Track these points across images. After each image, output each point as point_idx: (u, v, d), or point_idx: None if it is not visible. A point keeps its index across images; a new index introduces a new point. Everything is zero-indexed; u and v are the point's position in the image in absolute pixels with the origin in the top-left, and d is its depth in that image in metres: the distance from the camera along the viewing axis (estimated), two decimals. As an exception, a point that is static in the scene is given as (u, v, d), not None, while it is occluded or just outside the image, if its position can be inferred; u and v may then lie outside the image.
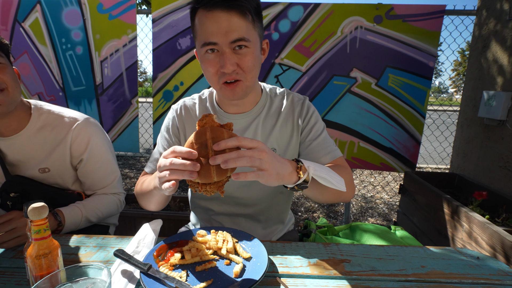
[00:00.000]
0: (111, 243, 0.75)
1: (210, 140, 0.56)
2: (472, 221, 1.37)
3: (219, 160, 0.54)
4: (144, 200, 0.81)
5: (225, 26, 0.68)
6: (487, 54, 2.01)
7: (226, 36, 0.68)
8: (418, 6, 1.99)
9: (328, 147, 0.85)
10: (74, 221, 0.90)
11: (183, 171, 0.55)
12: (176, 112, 0.91)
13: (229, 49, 0.70)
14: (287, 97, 0.91)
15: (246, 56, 0.72)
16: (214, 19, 0.68)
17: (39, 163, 0.96)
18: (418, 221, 1.90)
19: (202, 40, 0.71)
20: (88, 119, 1.00)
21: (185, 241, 0.70)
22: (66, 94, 2.33)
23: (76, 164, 1.00)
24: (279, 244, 0.75)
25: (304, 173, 0.64)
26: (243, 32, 0.69)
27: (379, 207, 3.06)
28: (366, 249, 0.74)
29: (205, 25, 0.70)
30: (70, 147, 0.97)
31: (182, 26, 2.14)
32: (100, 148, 1.01)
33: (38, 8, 2.20)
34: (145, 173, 0.92)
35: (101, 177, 1.03)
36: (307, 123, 0.88)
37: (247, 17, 0.70)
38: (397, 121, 2.11)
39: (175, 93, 2.24)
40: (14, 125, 0.92)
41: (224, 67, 0.70)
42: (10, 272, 0.64)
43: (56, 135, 0.96)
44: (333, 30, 2.04)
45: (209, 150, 0.56)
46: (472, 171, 2.10)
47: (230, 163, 0.54)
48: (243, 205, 0.93)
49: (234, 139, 0.56)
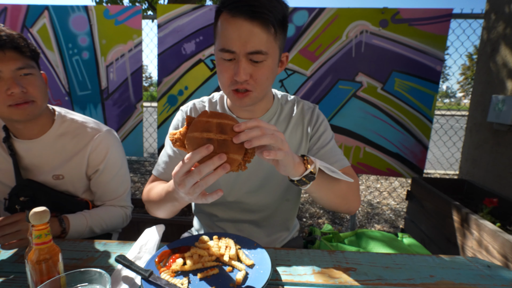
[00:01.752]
0: (113, 248, 0.74)
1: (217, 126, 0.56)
2: (483, 229, 1.33)
3: (243, 137, 0.54)
4: (156, 210, 0.78)
5: (245, 36, 0.67)
6: (496, 58, 1.98)
7: (244, 46, 0.68)
8: (424, 10, 1.98)
9: (335, 155, 0.85)
10: (78, 230, 0.90)
11: (214, 171, 0.54)
12: (186, 113, 0.90)
13: (245, 59, 0.69)
14: (298, 104, 0.91)
15: (261, 68, 0.71)
16: (236, 26, 0.67)
17: (54, 169, 0.96)
18: (426, 229, 1.86)
19: (221, 44, 0.71)
20: (110, 131, 1.01)
21: (188, 247, 0.69)
22: (72, 98, 2.36)
23: (91, 174, 1.00)
24: (283, 251, 0.74)
25: (311, 165, 0.65)
26: (262, 45, 0.68)
27: (386, 213, 3.00)
28: (372, 257, 0.72)
29: (226, 31, 0.69)
30: (89, 156, 0.97)
31: (187, 31, 2.15)
32: (117, 160, 1.02)
33: (46, 14, 2.25)
34: (153, 177, 0.91)
35: (113, 188, 1.03)
36: (316, 131, 0.87)
37: (269, 29, 0.69)
38: (403, 126, 2.08)
39: (179, 97, 2.25)
40: (36, 129, 0.93)
41: (238, 75, 0.70)
42: (12, 276, 0.63)
43: (76, 144, 0.96)
44: (338, 34, 2.03)
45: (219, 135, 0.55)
46: (482, 177, 2.05)
47: (255, 141, 0.54)
48: (248, 211, 0.91)
49: (254, 121, 0.57)
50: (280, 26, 0.71)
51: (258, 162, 0.85)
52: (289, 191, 0.91)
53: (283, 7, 0.71)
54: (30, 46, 0.86)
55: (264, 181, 0.88)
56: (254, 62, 0.70)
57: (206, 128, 0.56)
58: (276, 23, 0.69)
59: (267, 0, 0.67)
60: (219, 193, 0.57)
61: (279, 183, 0.89)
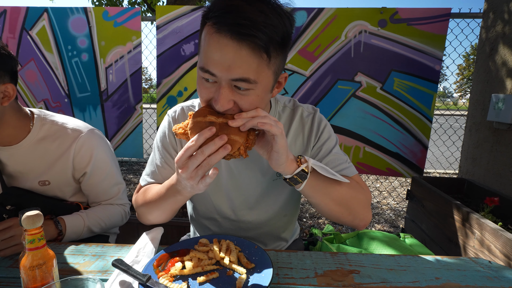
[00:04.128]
0: (110, 252, 0.73)
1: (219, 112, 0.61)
2: (484, 229, 1.31)
3: (244, 115, 0.58)
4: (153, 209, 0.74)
5: (230, 59, 0.54)
6: (495, 57, 1.97)
7: (227, 71, 0.55)
8: (423, 9, 1.97)
9: (340, 164, 0.77)
10: (75, 231, 0.88)
11: (217, 151, 0.56)
12: (174, 118, 0.83)
13: (228, 85, 0.58)
14: (296, 111, 0.82)
15: (247, 97, 0.59)
16: (220, 45, 0.54)
17: (39, 175, 0.92)
18: (427, 228, 1.85)
19: (202, 62, 0.59)
20: (92, 131, 0.97)
21: (187, 250, 0.67)
22: (71, 100, 2.35)
23: (79, 177, 0.97)
24: (284, 254, 0.72)
25: (304, 163, 0.64)
26: (251, 72, 0.56)
27: (386, 213, 2.99)
28: (376, 259, 0.71)
29: (209, 48, 0.56)
30: (73, 159, 0.93)
31: (186, 32, 2.15)
32: (104, 161, 0.98)
33: (45, 16, 2.24)
34: (140, 186, 0.84)
35: (106, 189, 1.00)
36: (317, 139, 0.80)
37: (261, 55, 0.55)
38: (403, 125, 2.08)
39: (179, 98, 2.24)
40: (7, 137, 0.88)
41: (217, 103, 0.58)
42: (5, 282, 0.62)
43: (58, 147, 0.92)
44: (337, 34, 2.03)
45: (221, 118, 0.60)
46: (482, 176, 2.04)
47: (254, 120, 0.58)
48: (242, 229, 0.87)
49: (253, 110, 0.59)
50: (277, 48, 0.58)
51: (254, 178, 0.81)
52: (286, 206, 0.86)
53: (285, 24, 0.57)
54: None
55: (260, 198, 0.83)
56: (239, 89, 0.58)
57: (208, 113, 0.60)
58: (272, 45, 0.56)
59: (263, 17, 0.53)
60: (215, 172, 0.58)
61: (276, 198, 0.84)
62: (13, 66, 0.84)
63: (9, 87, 0.82)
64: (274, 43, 0.56)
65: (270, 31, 0.54)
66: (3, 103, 0.82)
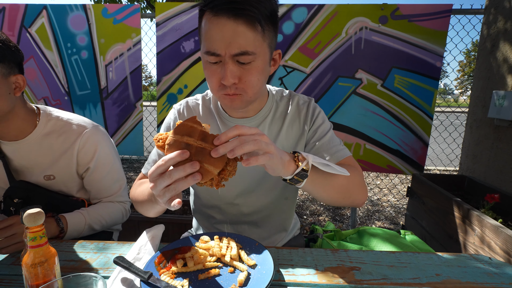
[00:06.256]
0: (112, 248, 0.73)
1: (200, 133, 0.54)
2: (485, 225, 1.32)
3: (222, 150, 0.51)
4: (141, 208, 0.77)
5: (229, 36, 0.62)
6: (496, 53, 1.96)
7: (229, 47, 0.63)
8: (424, 5, 1.96)
9: (334, 147, 0.81)
10: (77, 228, 0.89)
11: (185, 178, 0.51)
12: (179, 111, 0.88)
13: (231, 61, 0.65)
14: (292, 100, 0.87)
15: (250, 70, 0.66)
16: (219, 26, 0.63)
17: (44, 170, 0.94)
18: (427, 225, 1.85)
19: (205, 47, 0.66)
20: (97, 127, 0.99)
21: (188, 247, 0.67)
22: (71, 98, 2.35)
23: (82, 173, 0.98)
24: (285, 251, 0.72)
25: (302, 162, 0.62)
26: (249, 45, 0.63)
27: (386, 210, 3.00)
28: (376, 256, 0.71)
29: (210, 32, 0.64)
30: (77, 155, 0.95)
31: (186, 29, 2.13)
32: (107, 156, 0.99)
33: (44, 13, 2.23)
34: (142, 175, 0.89)
35: (107, 185, 1.01)
36: (312, 124, 0.85)
37: (256, 27, 0.63)
38: (404, 122, 2.07)
39: (179, 96, 2.23)
40: (15, 130, 0.90)
41: (224, 79, 0.65)
42: (8, 279, 0.62)
43: (63, 142, 0.94)
44: (338, 31, 2.02)
45: (197, 144, 0.53)
46: (483, 173, 2.04)
47: (237, 150, 0.51)
48: (245, 213, 0.89)
49: (234, 129, 0.53)
50: (268, 22, 0.66)
51: None
52: (287, 189, 0.89)
53: (271, 1, 0.66)
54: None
55: (261, 181, 0.85)
56: (242, 63, 0.65)
57: (188, 132, 0.54)
58: (263, 19, 0.64)
59: None
60: (177, 205, 0.54)
61: (277, 181, 0.86)
62: (20, 58, 0.87)
63: (19, 78, 0.86)
64: (265, 17, 0.65)
65: (261, 6, 0.63)
66: (15, 94, 0.85)
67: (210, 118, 0.86)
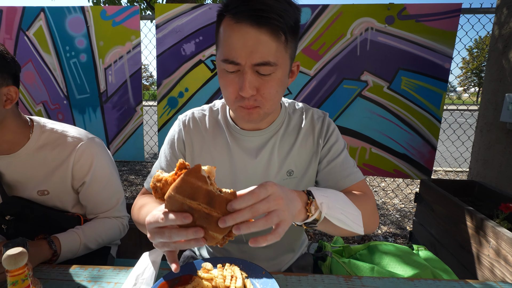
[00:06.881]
0: (107, 276, 0.68)
1: (206, 194, 0.46)
2: (501, 238, 1.25)
3: (230, 223, 0.45)
4: (143, 229, 0.72)
5: (251, 45, 0.58)
6: (508, 54, 1.89)
7: (250, 56, 0.59)
8: (432, 5, 1.89)
9: (347, 169, 0.77)
10: (71, 249, 0.84)
11: (188, 241, 0.47)
12: (184, 123, 0.82)
13: (251, 71, 0.61)
14: (307, 113, 0.83)
15: (270, 82, 0.63)
16: (241, 33, 0.58)
17: (38, 184, 0.89)
18: (436, 233, 1.79)
19: (223, 54, 0.62)
20: (93, 139, 0.94)
21: (189, 277, 0.62)
22: (70, 102, 2.30)
23: (77, 187, 0.93)
24: (294, 278, 0.67)
25: (315, 211, 0.57)
26: (271, 55, 0.59)
27: (392, 214, 2.94)
28: (393, 284, 0.65)
29: (230, 39, 0.60)
30: (72, 168, 0.90)
31: (186, 31, 2.08)
32: (104, 170, 0.94)
33: (42, 16, 2.18)
34: (144, 190, 0.84)
35: (104, 200, 0.96)
36: (326, 141, 0.80)
37: (280, 37, 0.59)
38: (411, 125, 2.01)
39: (180, 99, 2.18)
40: (6, 143, 0.86)
41: (242, 90, 0.61)
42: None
43: (58, 155, 0.89)
44: (343, 32, 1.95)
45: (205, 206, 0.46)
46: (494, 179, 1.97)
47: (243, 229, 0.47)
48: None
49: (249, 196, 0.47)
50: (291, 32, 0.62)
51: (262, 178, 0.78)
52: None
53: (295, 10, 0.62)
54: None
55: None
56: (261, 74, 0.61)
57: (192, 194, 0.45)
58: (288, 29, 0.60)
59: (277, 3, 0.58)
60: (177, 268, 0.51)
61: None
62: (16, 70, 0.83)
63: (11, 90, 0.81)
64: (289, 27, 0.61)
65: (286, 16, 0.59)
66: (5, 106, 0.81)
67: (218, 131, 0.81)
